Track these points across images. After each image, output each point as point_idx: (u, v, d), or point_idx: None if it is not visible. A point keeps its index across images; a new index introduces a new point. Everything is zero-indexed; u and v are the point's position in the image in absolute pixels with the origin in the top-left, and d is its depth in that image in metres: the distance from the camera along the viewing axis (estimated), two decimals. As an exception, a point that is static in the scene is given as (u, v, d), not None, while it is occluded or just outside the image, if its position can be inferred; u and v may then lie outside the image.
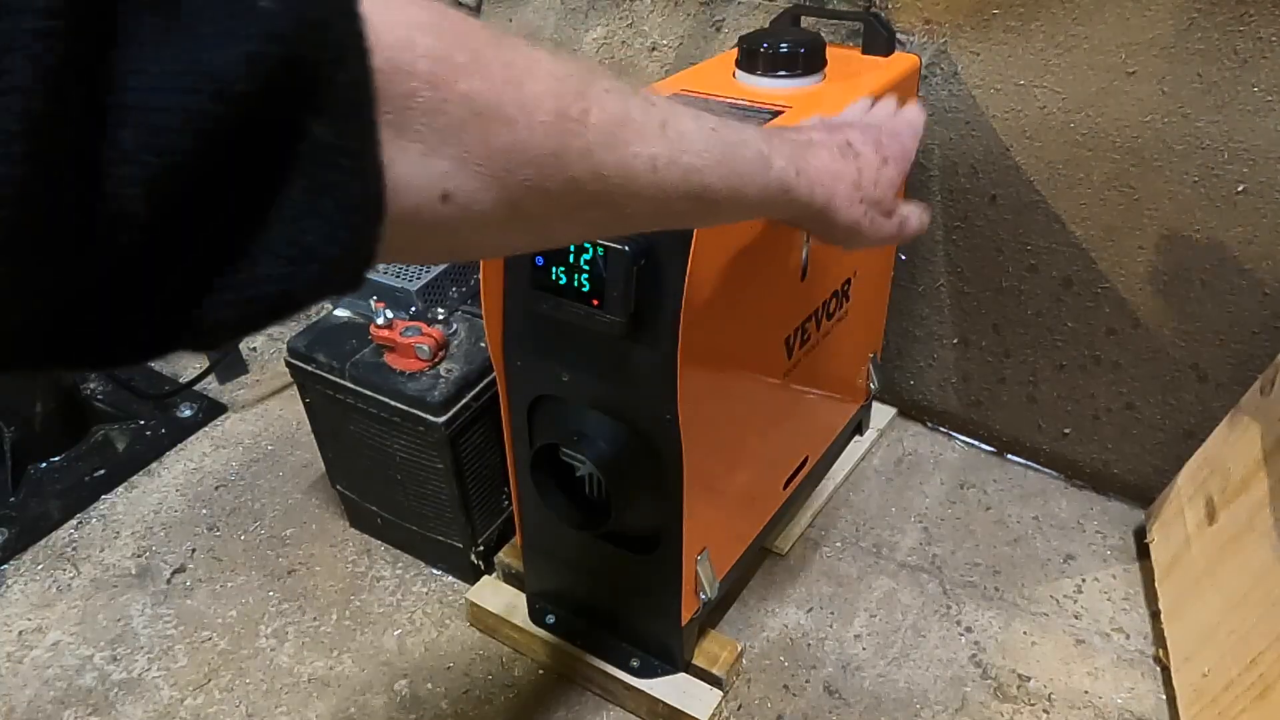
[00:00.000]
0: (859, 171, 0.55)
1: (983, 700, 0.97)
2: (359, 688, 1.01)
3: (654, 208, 0.40)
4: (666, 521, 0.84)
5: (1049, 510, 1.19)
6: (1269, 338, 0.99)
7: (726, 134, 0.43)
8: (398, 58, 0.27)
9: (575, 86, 0.34)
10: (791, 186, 0.49)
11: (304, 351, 1.04)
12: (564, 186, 0.34)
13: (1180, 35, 0.91)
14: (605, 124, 0.35)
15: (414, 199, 0.29)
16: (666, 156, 0.39)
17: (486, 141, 0.31)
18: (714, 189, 0.42)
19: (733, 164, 0.43)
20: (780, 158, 0.48)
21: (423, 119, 0.29)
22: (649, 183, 0.38)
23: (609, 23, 1.28)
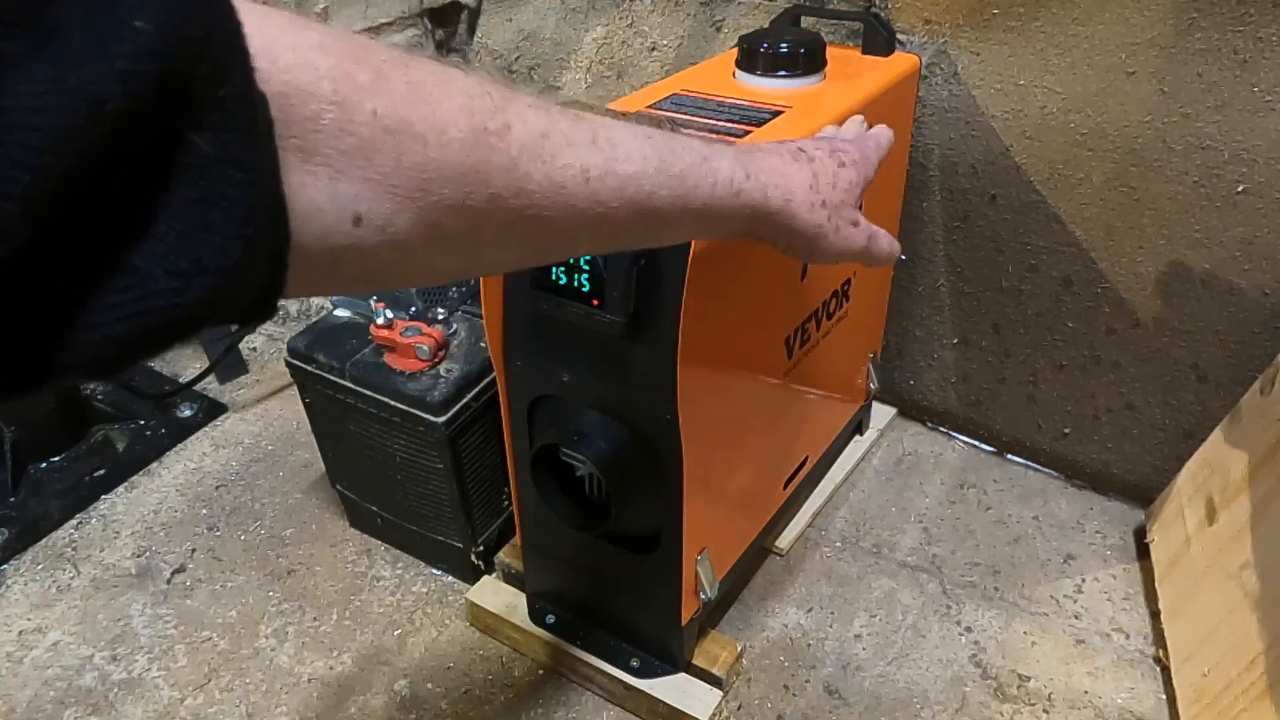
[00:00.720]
0: (814, 174, 0.53)
1: (983, 700, 0.97)
2: (359, 688, 1.01)
3: (594, 223, 0.39)
4: (666, 521, 0.84)
5: (1049, 510, 1.19)
6: (1269, 338, 0.99)
7: (662, 141, 0.42)
8: (297, 79, 0.27)
9: (493, 103, 0.34)
10: (743, 189, 0.47)
11: (304, 351, 1.04)
12: (487, 204, 0.34)
13: (1180, 35, 0.91)
14: (529, 136, 0.35)
15: (324, 223, 0.29)
16: (600, 166, 0.38)
17: (398, 161, 0.30)
18: (657, 198, 0.41)
19: (673, 170, 0.42)
20: (725, 160, 0.46)
21: (330, 141, 0.28)
22: (583, 195, 0.37)
23: (609, 23, 1.28)
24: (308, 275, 0.30)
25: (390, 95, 0.30)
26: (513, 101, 0.35)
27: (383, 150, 0.30)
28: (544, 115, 0.36)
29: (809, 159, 0.54)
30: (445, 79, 0.32)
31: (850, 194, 0.56)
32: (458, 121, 0.32)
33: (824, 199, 0.53)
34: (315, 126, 0.28)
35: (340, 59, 0.29)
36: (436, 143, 0.31)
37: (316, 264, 0.30)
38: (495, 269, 0.43)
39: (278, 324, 1.61)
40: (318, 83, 0.28)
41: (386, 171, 0.30)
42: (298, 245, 0.28)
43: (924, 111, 1.10)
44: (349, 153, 0.29)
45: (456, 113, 0.32)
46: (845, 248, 0.57)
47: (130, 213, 0.23)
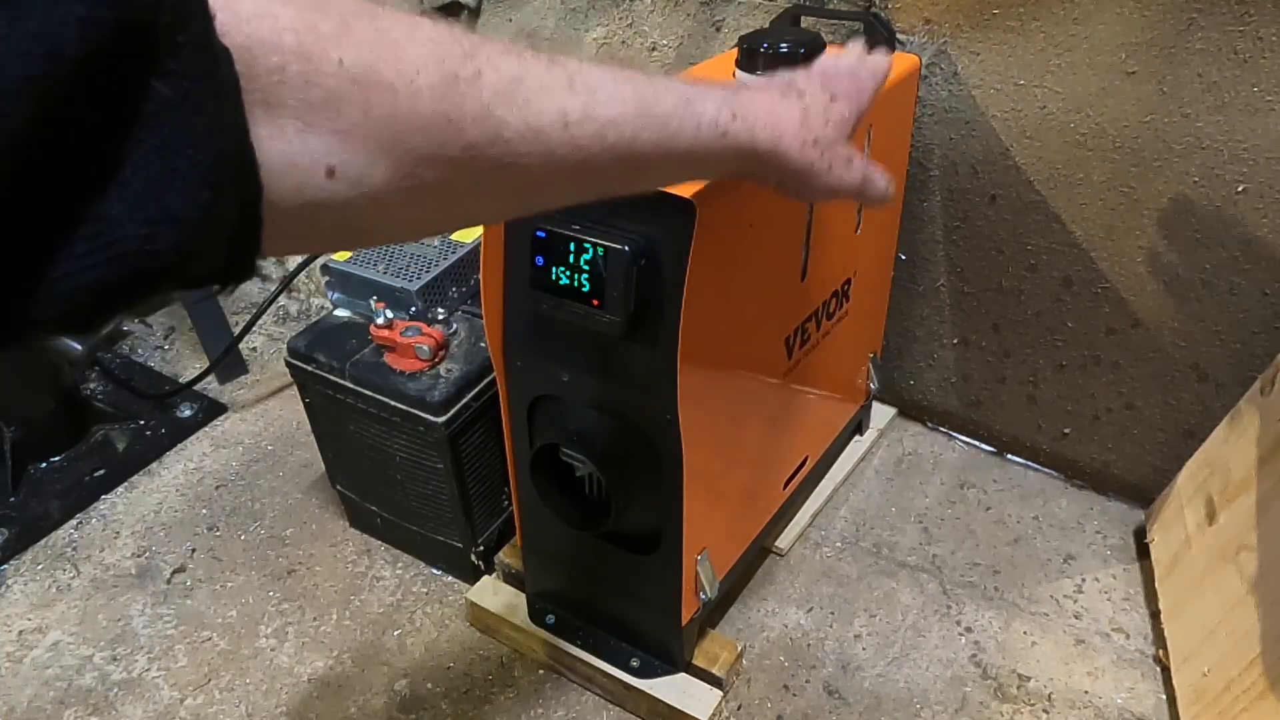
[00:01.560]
0: (805, 110, 0.51)
1: (983, 700, 0.97)
2: (359, 688, 1.01)
3: (574, 169, 0.38)
4: (666, 521, 0.84)
5: (1049, 510, 1.19)
6: (1269, 338, 0.99)
7: (643, 84, 0.41)
8: (258, 32, 0.27)
9: (463, 49, 0.33)
10: (729, 130, 0.46)
11: (304, 351, 1.04)
12: (463, 152, 0.33)
13: (1180, 35, 0.91)
14: (501, 82, 0.34)
15: (297, 176, 0.29)
16: (579, 110, 0.37)
17: (367, 111, 0.30)
18: (640, 142, 0.40)
19: (655, 112, 0.41)
20: (710, 101, 0.45)
21: (296, 93, 0.28)
22: (562, 140, 0.36)
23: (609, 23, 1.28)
24: (286, 230, 0.30)
25: (356, 44, 0.29)
26: (483, 47, 0.34)
27: (351, 101, 0.29)
28: (517, 60, 0.35)
29: (799, 94, 0.52)
30: (413, 27, 0.32)
31: (842, 129, 0.54)
32: (427, 69, 0.31)
33: (815, 136, 0.52)
34: (280, 78, 0.27)
35: (302, 9, 0.28)
36: (406, 91, 0.31)
37: (293, 219, 0.30)
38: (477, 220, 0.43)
39: (278, 324, 1.61)
40: (280, 34, 0.27)
41: (356, 122, 0.30)
42: (271, 200, 0.28)
43: (924, 111, 1.10)
44: (316, 104, 0.28)
45: (425, 60, 0.31)
46: (838, 185, 0.55)
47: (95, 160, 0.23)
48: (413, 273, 1.06)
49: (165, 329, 1.61)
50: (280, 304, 1.61)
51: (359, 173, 0.30)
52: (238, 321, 1.54)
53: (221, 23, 0.26)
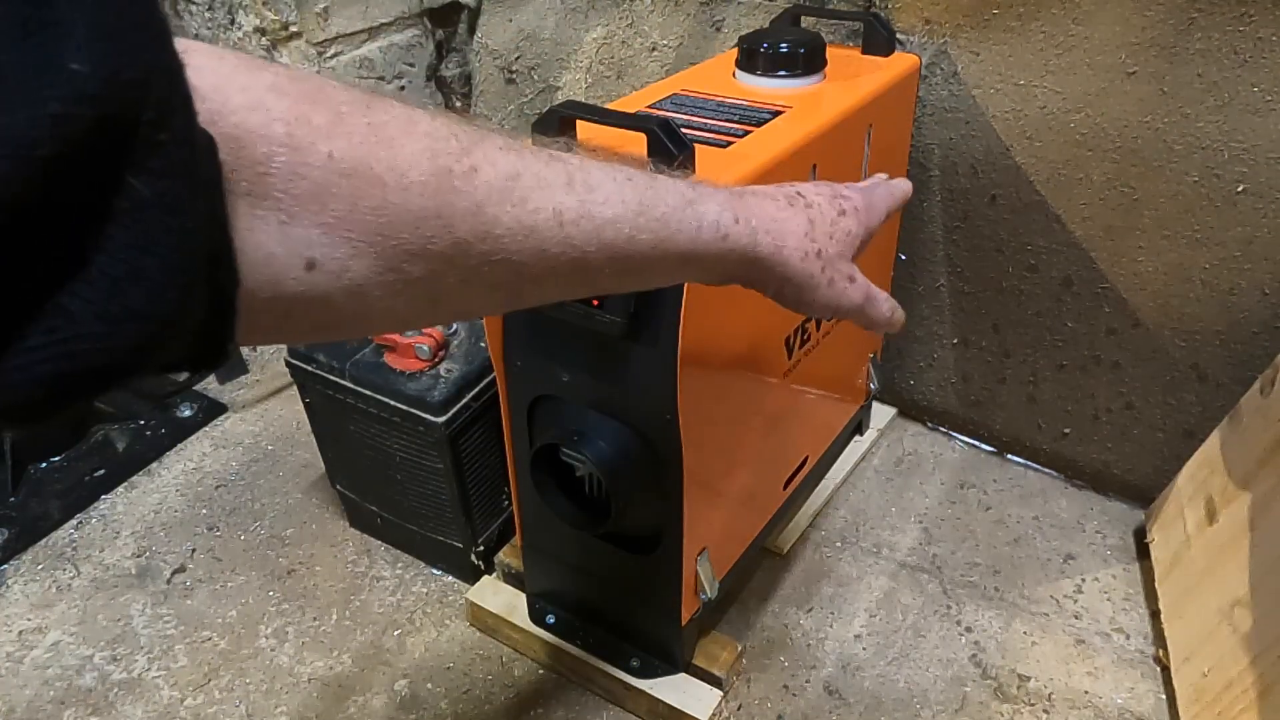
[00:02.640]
0: (810, 221, 0.50)
1: (983, 700, 0.97)
2: (359, 688, 1.01)
3: (568, 268, 0.37)
4: (666, 521, 0.84)
5: (1049, 510, 1.19)
6: (1269, 338, 0.99)
7: (644, 183, 0.40)
8: (248, 122, 0.27)
9: (459, 145, 0.33)
10: (730, 233, 0.44)
11: (304, 351, 1.04)
12: (451, 248, 0.33)
13: (1180, 35, 0.91)
14: (497, 179, 0.33)
15: (275, 268, 0.28)
16: (575, 210, 0.36)
17: (354, 205, 0.29)
18: (637, 242, 0.39)
19: (654, 213, 0.40)
20: (712, 203, 0.44)
21: (281, 185, 0.28)
22: (557, 239, 0.36)
23: (609, 23, 1.28)
24: (261, 322, 0.29)
25: (348, 137, 0.29)
26: (481, 144, 0.34)
27: (338, 193, 0.29)
28: (514, 157, 0.35)
29: (806, 205, 0.51)
30: (409, 121, 0.32)
31: (848, 245, 0.53)
32: (419, 164, 0.31)
33: (819, 249, 0.50)
34: (266, 169, 0.27)
35: (295, 100, 0.28)
36: (396, 185, 0.30)
37: (269, 311, 0.29)
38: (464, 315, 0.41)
39: (278, 324, 1.61)
40: (270, 125, 0.27)
41: (341, 215, 0.29)
42: (247, 291, 0.27)
43: (924, 111, 1.10)
44: (301, 196, 0.28)
45: (419, 155, 0.31)
46: (838, 303, 0.54)
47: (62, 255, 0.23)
48: (413, 273, 1.06)
49: (165, 329, 1.61)
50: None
51: (340, 266, 0.30)
52: (238, 321, 1.54)
53: (211, 111, 0.25)
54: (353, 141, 0.29)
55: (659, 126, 0.68)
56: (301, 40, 1.27)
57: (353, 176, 0.29)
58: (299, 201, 0.28)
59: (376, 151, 0.30)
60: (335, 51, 1.31)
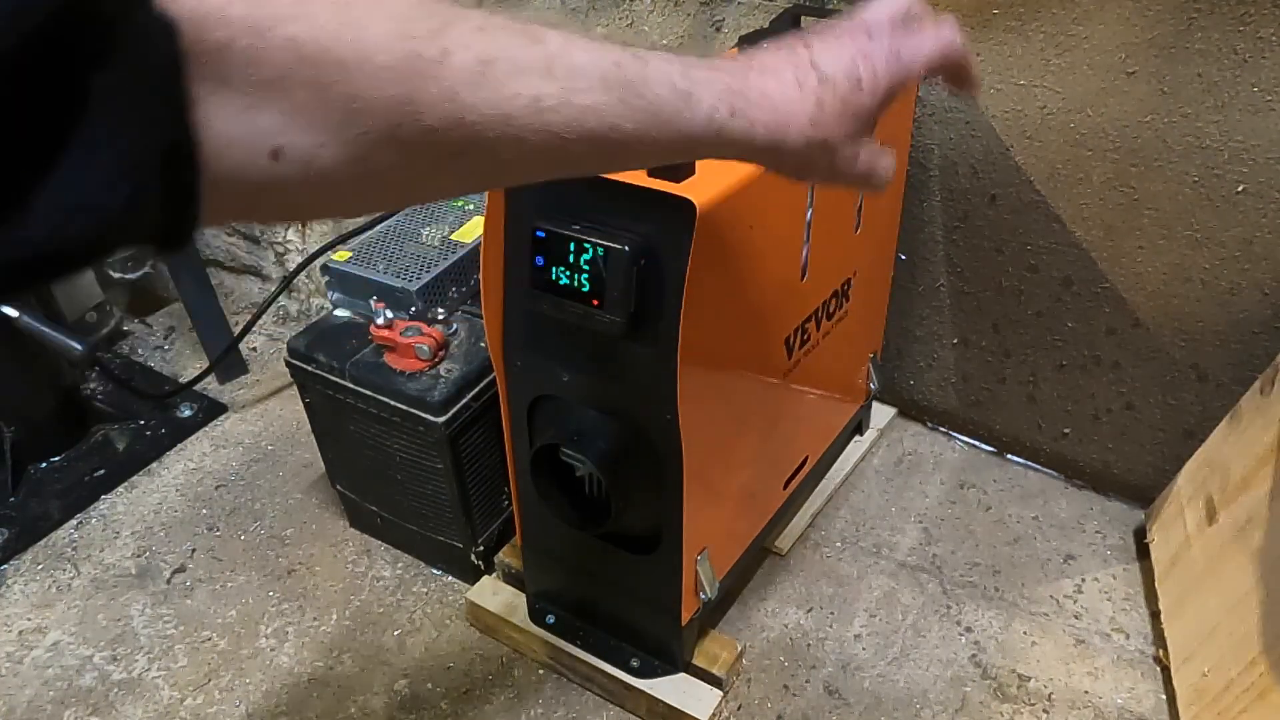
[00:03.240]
0: (819, 103, 0.45)
1: (983, 700, 0.97)
2: (359, 688, 1.01)
3: (545, 154, 0.36)
4: (666, 521, 0.84)
5: (1049, 510, 1.19)
6: (1269, 338, 0.99)
7: (634, 69, 0.38)
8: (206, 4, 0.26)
9: (429, 26, 0.31)
10: (724, 127, 0.42)
11: (304, 351, 1.04)
12: (421, 135, 0.32)
13: (1180, 35, 0.91)
14: (469, 64, 0.32)
15: (238, 156, 0.28)
16: (554, 96, 0.35)
17: (318, 91, 0.29)
18: (621, 130, 0.38)
19: (642, 103, 0.38)
20: (708, 93, 0.41)
21: (243, 70, 0.27)
22: (534, 126, 0.34)
23: (609, 23, 1.28)
24: (225, 207, 0.29)
25: (310, 19, 0.28)
26: (455, 24, 0.32)
27: (301, 79, 0.28)
28: (491, 39, 0.33)
29: (819, 80, 0.45)
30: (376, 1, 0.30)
31: (861, 124, 0.47)
32: (387, 47, 0.30)
33: (824, 136, 0.46)
34: (226, 54, 0.26)
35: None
36: (362, 71, 0.29)
37: (233, 197, 0.29)
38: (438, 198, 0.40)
39: (278, 324, 1.61)
40: (228, 6, 0.26)
41: (305, 101, 0.28)
42: (211, 179, 0.27)
43: (924, 111, 1.10)
44: (263, 82, 0.27)
45: (386, 38, 0.30)
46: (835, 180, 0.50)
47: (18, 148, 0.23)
48: (413, 273, 1.06)
49: (165, 329, 1.61)
50: (280, 304, 1.62)
51: (306, 154, 0.29)
52: (238, 321, 1.54)
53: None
54: (315, 24, 0.28)
55: None
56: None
57: (316, 61, 0.28)
58: (261, 88, 0.27)
59: (341, 34, 0.29)
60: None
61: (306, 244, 1.48)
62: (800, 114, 0.45)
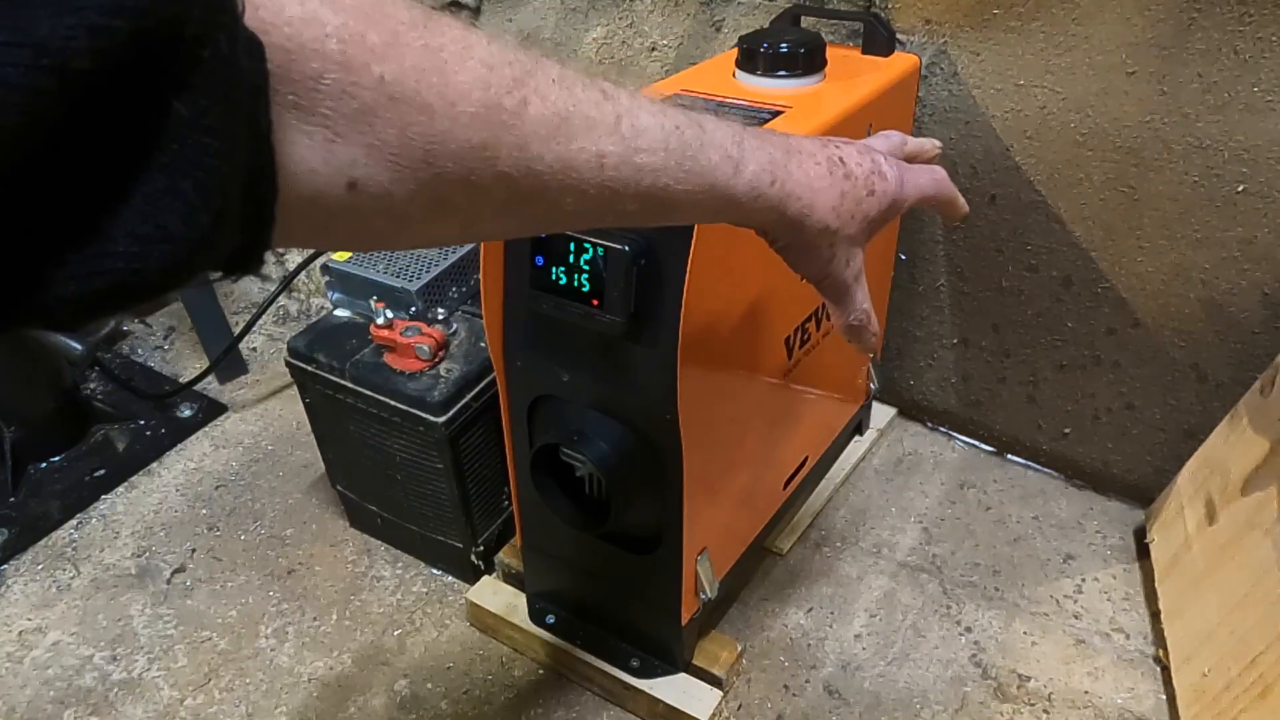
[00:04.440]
0: (841, 195, 0.48)
1: (983, 700, 0.97)
2: (359, 688, 1.01)
3: (600, 206, 0.37)
4: (666, 521, 0.84)
5: (1049, 510, 1.19)
6: (1269, 338, 0.99)
7: (691, 133, 0.40)
8: (301, 35, 0.26)
9: (512, 74, 0.32)
10: (764, 194, 0.44)
11: (304, 351, 1.04)
12: (493, 181, 0.33)
13: (1180, 35, 0.91)
14: (546, 117, 0.33)
15: (316, 185, 0.28)
16: (618, 154, 0.36)
17: (402, 130, 0.29)
18: (671, 190, 0.39)
19: (695, 167, 0.40)
20: (755, 163, 0.43)
21: (330, 102, 0.27)
22: (595, 180, 0.36)
23: (609, 23, 1.28)
24: (296, 231, 0.29)
25: (401, 60, 0.29)
26: (535, 75, 0.33)
27: (386, 117, 0.29)
28: (566, 94, 0.34)
29: (845, 175, 0.49)
30: (464, 46, 0.31)
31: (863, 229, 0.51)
32: (471, 95, 0.31)
33: (839, 227, 0.49)
34: (316, 86, 0.27)
35: (351, 17, 0.27)
36: (445, 115, 0.30)
37: (306, 222, 0.29)
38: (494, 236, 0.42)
39: (278, 324, 1.61)
40: (324, 40, 0.27)
41: (388, 139, 0.29)
42: (286, 203, 0.27)
43: (924, 111, 1.10)
44: (350, 116, 0.28)
45: (471, 85, 0.31)
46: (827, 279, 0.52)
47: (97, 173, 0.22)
48: (413, 273, 1.06)
49: (165, 329, 1.61)
50: (280, 304, 1.62)
51: (381, 189, 0.30)
52: (238, 321, 1.54)
53: (263, 20, 0.25)
54: (405, 65, 0.29)
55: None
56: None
57: (403, 101, 0.29)
58: (346, 121, 0.28)
59: (429, 78, 0.29)
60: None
61: (306, 244, 1.47)
62: (827, 199, 0.47)
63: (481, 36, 0.32)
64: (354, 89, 0.28)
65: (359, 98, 0.28)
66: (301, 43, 0.26)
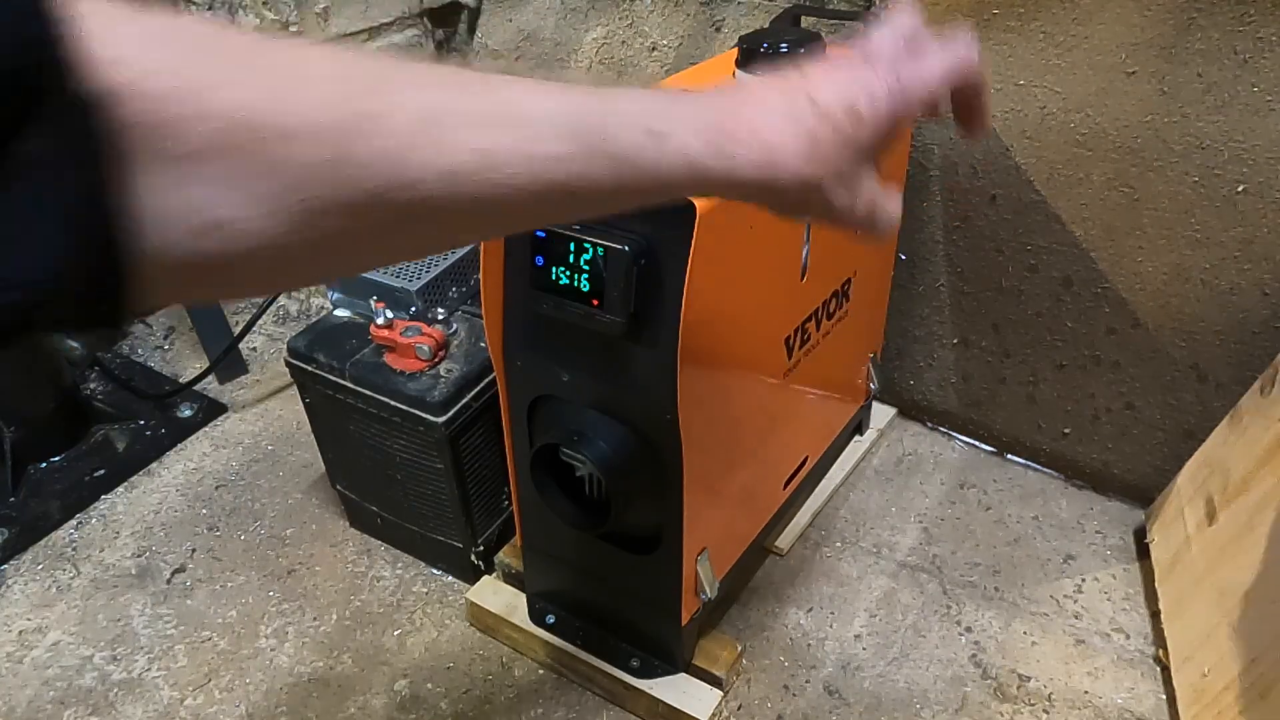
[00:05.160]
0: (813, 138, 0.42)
1: (983, 700, 0.97)
2: (359, 688, 1.01)
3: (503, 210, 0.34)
4: (666, 521, 0.84)
5: (1049, 510, 1.19)
6: (1269, 338, 0.99)
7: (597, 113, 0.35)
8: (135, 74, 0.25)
9: (368, 84, 0.30)
10: (704, 167, 0.39)
11: (304, 351, 1.04)
12: (366, 200, 0.30)
13: (1180, 35, 0.91)
14: (410, 121, 0.31)
15: (174, 232, 0.27)
16: (508, 148, 0.33)
17: (256, 160, 0.27)
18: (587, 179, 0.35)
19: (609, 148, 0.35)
20: (687, 133, 0.38)
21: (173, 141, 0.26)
22: (487, 181, 0.32)
23: (609, 23, 1.28)
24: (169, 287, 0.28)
25: (241, 85, 0.27)
26: (394, 80, 0.31)
27: (238, 149, 0.27)
28: (433, 93, 0.32)
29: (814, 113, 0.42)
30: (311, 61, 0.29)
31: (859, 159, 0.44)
32: (323, 110, 0.29)
33: (820, 173, 0.42)
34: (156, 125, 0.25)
35: (186, 49, 0.26)
36: (297, 137, 0.28)
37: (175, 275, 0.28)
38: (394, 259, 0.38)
39: (278, 324, 1.61)
40: (157, 76, 0.25)
41: (244, 172, 0.27)
42: (145, 255, 0.26)
43: (924, 111, 1.10)
44: (194, 153, 0.26)
45: (321, 100, 0.29)
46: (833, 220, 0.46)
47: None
48: (413, 273, 1.06)
49: (165, 329, 1.61)
50: (280, 304, 1.61)
51: (246, 226, 0.28)
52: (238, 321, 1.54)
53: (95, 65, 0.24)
54: (246, 89, 0.27)
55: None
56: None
57: (248, 128, 0.27)
58: (196, 159, 0.26)
59: (274, 98, 0.28)
60: (335, 51, 1.31)
61: (306, 244, 1.47)
62: (793, 149, 0.41)
63: (327, 50, 0.31)
64: (193, 123, 0.26)
65: (200, 131, 0.26)
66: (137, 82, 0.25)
